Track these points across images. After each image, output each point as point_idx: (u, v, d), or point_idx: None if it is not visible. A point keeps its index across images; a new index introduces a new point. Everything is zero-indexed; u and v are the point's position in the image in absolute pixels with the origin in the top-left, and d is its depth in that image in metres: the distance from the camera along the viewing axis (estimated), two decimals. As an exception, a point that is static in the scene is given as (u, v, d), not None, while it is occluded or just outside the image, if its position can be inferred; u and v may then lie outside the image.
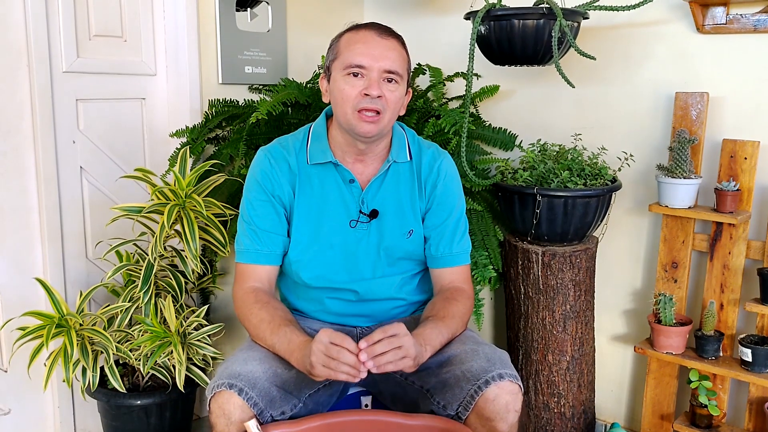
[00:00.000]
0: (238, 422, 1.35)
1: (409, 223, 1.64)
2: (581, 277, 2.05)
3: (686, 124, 1.97)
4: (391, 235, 1.62)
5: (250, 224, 1.60)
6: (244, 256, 1.59)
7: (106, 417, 2.05)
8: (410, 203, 1.64)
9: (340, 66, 1.51)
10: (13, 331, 1.91)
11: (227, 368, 1.42)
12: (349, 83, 1.49)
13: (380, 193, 1.62)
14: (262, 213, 1.59)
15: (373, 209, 1.61)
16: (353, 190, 1.61)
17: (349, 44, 1.51)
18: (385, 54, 1.49)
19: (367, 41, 1.50)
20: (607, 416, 2.31)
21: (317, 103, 2.21)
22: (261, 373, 1.41)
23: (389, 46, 1.51)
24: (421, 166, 1.65)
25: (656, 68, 2.07)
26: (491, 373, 1.40)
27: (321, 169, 1.61)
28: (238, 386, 1.36)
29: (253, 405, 1.36)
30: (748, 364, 1.86)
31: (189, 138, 2.16)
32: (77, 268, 2.13)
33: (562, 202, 1.94)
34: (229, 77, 2.30)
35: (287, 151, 1.62)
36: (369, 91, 1.48)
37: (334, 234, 1.61)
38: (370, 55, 1.48)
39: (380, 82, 1.49)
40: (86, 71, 2.08)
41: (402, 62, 1.53)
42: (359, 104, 1.49)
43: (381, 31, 1.52)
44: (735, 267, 1.94)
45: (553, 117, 2.29)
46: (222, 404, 1.36)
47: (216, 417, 1.37)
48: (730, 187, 1.88)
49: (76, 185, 2.11)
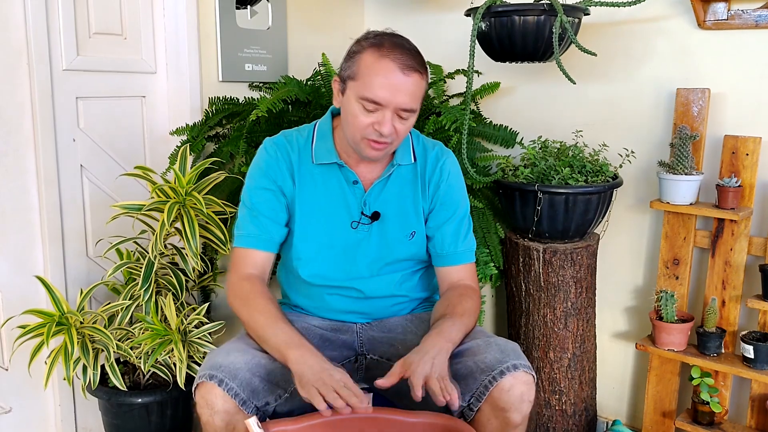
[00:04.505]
0: (222, 412, 1.36)
1: (412, 225, 1.64)
2: (582, 274, 2.05)
3: (687, 121, 1.97)
4: (392, 238, 1.62)
5: (251, 209, 1.59)
6: (243, 240, 1.58)
7: (107, 415, 2.04)
8: (413, 205, 1.64)
9: (356, 92, 1.46)
10: (13, 329, 1.90)
11: (210, 360, 1.44)
12: (363, 113, 1.46)
13: (383, 195, 1.62)
14: (263, 199, 1.58)
15: (375, 211, 1.61)
16: (356, 191, 1.60)
17: (369, 72, 1.44)
18: (405, 91, 1.44)
19: (388, 75, 1.43)
20: (608, 413, 2.31)
21: (318, 101, 2.20)
22: (242, 364, 1.42)
23: (410, 83, 1.45)
24: (425, 167, 1.65)
25: (657, 64, 2.06)
26: (506, 364, 1.40)
27: (325, 168, 1.60)
28: (218, 377, 1.37)
29: (234, 396, 1.37)
30: (750, 361, 1.86)
31: (189, 136, 2.16)
32: (78, 267, 2.13)
33: (563, 199, 1.94)
34: (229, 75, 2.29)
35: (291, 146, 1.61)
36: (381, 129, 1.46)
37: (335, 234, 1.61)
38: (388, 92, 1.43)
39: (394, 117, 1.46)
40: (86, 69, 2.07)
41: (420, 95, 1.49)
42: (369, 135, 1.48)
43: (405, 66, 1.44)
44: (737, 263, 1.93)
45: (554, 114, 2.29)
46: (204, 395, 1.38)
47: (200, 408, 1.39)
48: (732, 184, 1.87)
49: (77, 184, 2.10)
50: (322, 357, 1.39)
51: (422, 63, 1.49)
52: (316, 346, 1.63)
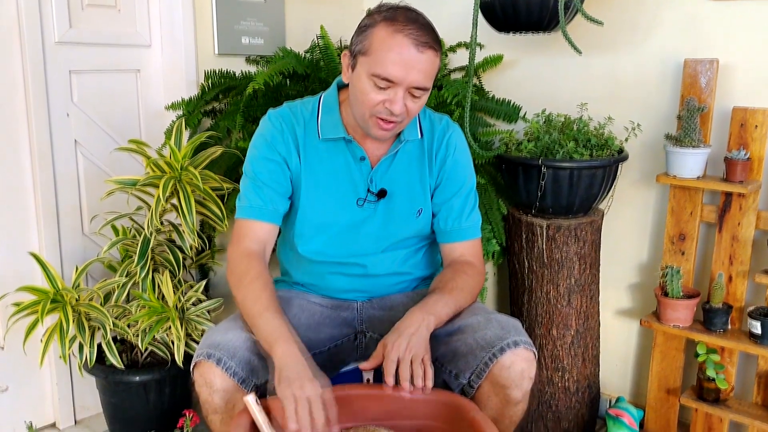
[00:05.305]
0: (221, 391, 1.34)
1: (419, 203, 1.60)
2: (586, 251, 2.01)
3: (695, 92, 1.92)
4: (399, 216, 1.59)
5: (254, 180, 1.54)
6: (246, 212, 1.53)
7: (105, 394, 2.02)
8: (420, 182, 1.60)
9: (368, 68, 1.40)
10: (8, 307, 1.88)
11: (208, 338, 1.41)
12: (374, 90, 1.41)
13: (390, 172, 1.58)
14: (268, 170, 1.53)
15: (382, 189, 1.57)
16: (363, 168, 1.56)
17: (382, 48, 1.38)
18: (419, 69, 1.38)
19: (401, 52, 1.36)
20: (612, 391, 2.29)
21: (316, 74, 2.16)
22: (241, 342, 1.39)
23: (425, 60, 1.38)
24: (432, 143, 1.61)
25: (665, 35, 2.01)
26: (506, 341, 1.37)
27: (331, 144, 1.56)
28: (216, 356, 1.34)
29: (232, 374, 1.34)
30: (757, 337, 1.83)
31: (185, 110, 2.12)
32: (73, 244, 2.10)
33: (567, 174, 1.90)
34: (225, 48, 2.24)
35: (296, 119, 1.56)
36: (392, 108, 1.41)
37: (340, 212, 1.57)
38: (402, 69, 1.37)
39: (406, 96, 1.41)
40: (79, 42, 2.03)
41: (434, 73, 1.43)
42: (379, 113, 1.43)
43: (419, 42, 1.37)
44: (744, 238, 1.90)
45: (559, 87, 2.24)
46: (203, 374, 1.35)
47: (199, 387, 1.36)
48: (740, 156, 1.83)
49: (71, 159, 2.07)
50: (308, 357, 1.35)
51: (436, 39, 1.42)
52: (316, 322, 1.61)
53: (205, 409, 1.39)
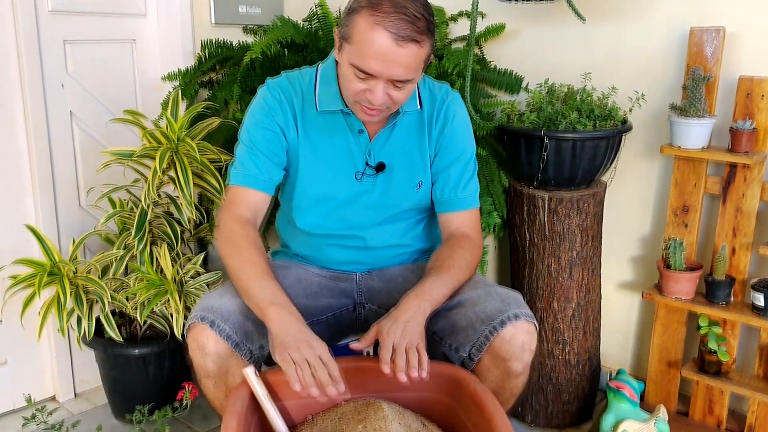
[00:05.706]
0: (214, 354, 1.33)
1: (419, 175, 1.58)
2: (588, 223, 1.99)
3: (701, 61, 1.88)
4: (398, 189, 1.56)
5: (250, 147, 1.51)
6: (240, 179, 1.51)
7: (104, 367, 2.02)
8: (419, 153, 1.57)
9: (348, 57, 1.37)
10: (5, 279, 1.87)
11: (202, 302, 1.40)
12: (355, 79, 1.38)
13: (388, 144, 1.55)
14: (265, 138, 1.51)
15: (380, 162, 1.54)
16: (361, 140, 1.53)
17: (361, 40, 1.33)
18: (398, 63, 1.33)
19: (380, 46, 1.31)
20: (612, 363, 2.29)
21: (315, 44, 2.12)
22: (235, 306, 1.37)
23: (405, 54, 1.33)
24: (432, 113, 1.58)
25: (671, 2, 1.97)
26: (507, 313, 1.36)
27: (329, 116, 1.53)
28: (209, 318, 1.33)
29: (226, 338, 1.33)
30: (759, 309, 1.82)
31: (181, 81, 2.09)
32: (70, 217, 2.08)
33: (570, 145, 1.87)
34: (222, 17, 2.21)
35: (294, 90, 1.54)
36: (371, 99, 1.38)
37: (338, 186, 1.55)
38: (380, 65, 1.33)
39: (388, 86, 1.37)
40: (73, 11, 1.99)
41: (418, 65, 1.37)
42: (361, 100, 1.41)
43: (399, 37, 1.31)
44: (748, 210, 1.88)
45: (562, 56, 2.20)
46: (196, 337, 1.34)
47: (192, 350, 1.36)
48: (746, 127, 1.80)
49: (67, 131, 2.04)
50: (303, 322, 1.33)
51: (423, 30, 1.33)
52: (314, 292, 1.59)
53: (198, 374, 1.38)
